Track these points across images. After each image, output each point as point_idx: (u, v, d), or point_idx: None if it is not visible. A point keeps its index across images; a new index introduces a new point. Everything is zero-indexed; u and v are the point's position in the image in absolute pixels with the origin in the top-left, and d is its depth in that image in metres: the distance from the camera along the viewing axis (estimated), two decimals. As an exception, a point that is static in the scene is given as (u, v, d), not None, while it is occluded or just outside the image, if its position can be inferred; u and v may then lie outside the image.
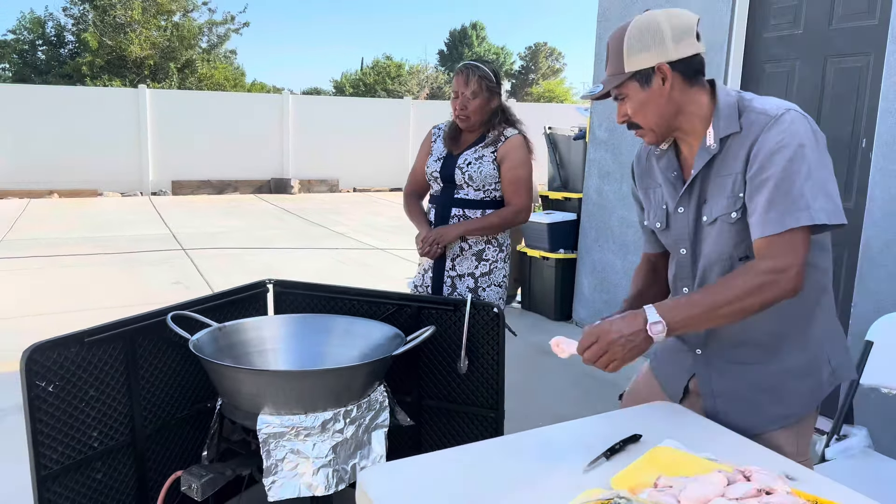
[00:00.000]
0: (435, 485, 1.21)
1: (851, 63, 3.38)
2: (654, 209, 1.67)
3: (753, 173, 1.41)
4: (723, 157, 1.49)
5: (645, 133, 1.55)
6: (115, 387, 2.14)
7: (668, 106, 1.50)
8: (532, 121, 3.45)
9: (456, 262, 2.78)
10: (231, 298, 2.59)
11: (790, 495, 1.12)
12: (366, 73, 29.75)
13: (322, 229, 10.40)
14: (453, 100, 2.74)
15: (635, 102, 1.50)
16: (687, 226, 1.58)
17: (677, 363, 1.70)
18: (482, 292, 2.78)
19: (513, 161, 2.71)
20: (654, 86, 1.48)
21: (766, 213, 1.38)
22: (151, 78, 19.42)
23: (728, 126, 1.47)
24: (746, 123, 1.45)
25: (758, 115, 1.44)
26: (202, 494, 1.92)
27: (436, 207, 2.83)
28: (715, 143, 1.48)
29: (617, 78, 1.49)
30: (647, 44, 1.46)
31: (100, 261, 7.58)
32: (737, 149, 1.46)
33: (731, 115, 1.47)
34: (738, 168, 1.45)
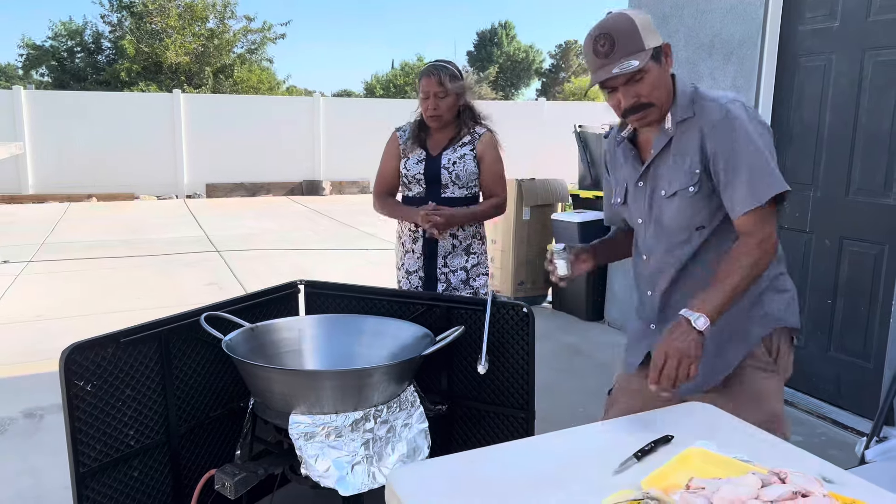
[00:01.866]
0: (464, 485, 1.21)
1: (890, 55, 3.29)
2: (619, 186, 1.90)
3: (720, 162, 1.64)
4: (678, 138, 1.71)
5: (651, 112, 1.69)
6: (151, 386, 2.18)
7: (668, 84, 1.70)
8: (562, 119, 3.46)
9: (448, 259, 2.86)
10: (263, 299, 2.63)
11: (826, 498, 1.09)
12: (396, 75, 29.89)
13: (353, 230, 10.47)
14: (423, 100, 2.79)
15: (653, 78, 1.64)
16: (644, 199, 1.80)
17: (636, 340, 1.91)
18: (473, 282, 2.89)
19: (491, 157, 2.86)
20: (662, 63, 1.66)
21: (737, 194, 1.62)
22: (187, 83, 19.75)
23: (684, 111, 1.69)
24: (698, 109, 1.68)
25: (708, 102, 1.67)
26: (235, 493, 1.95)
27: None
28: (672, 127, 1.70)
29: (644, 55, 1.60)
30: (651, 25, 1.64)
31: (136, 263, 7.74)
32: (691, 132, 1.69)
33: (687, 103, 1.70)
34: (693, 148, 1.68)
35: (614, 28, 1.61)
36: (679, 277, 1.78)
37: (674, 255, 1.78)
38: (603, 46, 1.61)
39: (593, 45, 1.63)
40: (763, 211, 1.61)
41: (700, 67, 4.39)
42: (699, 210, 1.71)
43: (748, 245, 1.60)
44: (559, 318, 5.57)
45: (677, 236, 1.75)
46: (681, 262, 1.77)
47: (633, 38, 1.60)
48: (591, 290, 5.40)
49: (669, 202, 1.74)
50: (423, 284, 2.90)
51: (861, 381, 3.40)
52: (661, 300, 1.82)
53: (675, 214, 1.73)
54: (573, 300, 5.58)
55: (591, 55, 1.65)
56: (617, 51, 1.60)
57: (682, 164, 1.70)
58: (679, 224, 1.74)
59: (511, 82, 36.16)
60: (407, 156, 2.87)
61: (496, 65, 34.65)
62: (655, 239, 1.80)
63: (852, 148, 3.44)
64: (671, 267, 1.79)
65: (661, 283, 1.81)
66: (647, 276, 1.86)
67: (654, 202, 1.78)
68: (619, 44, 1.60)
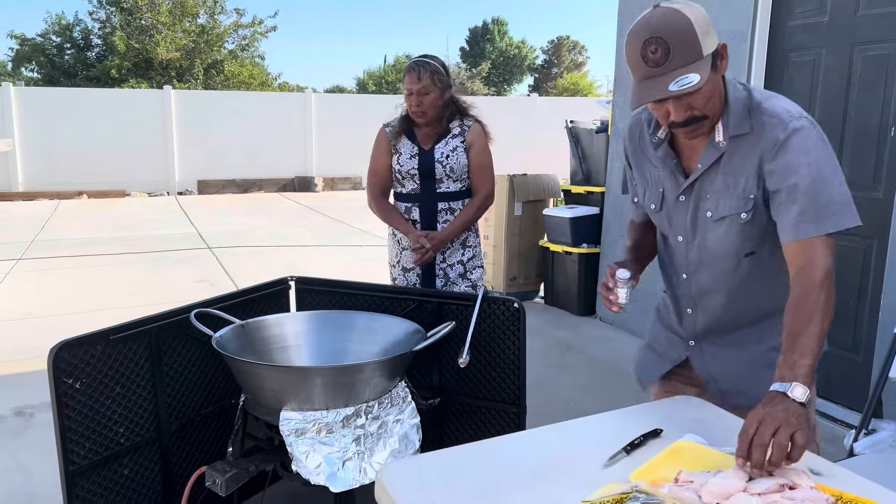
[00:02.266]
0: (454, 479, 1.21)
1: (879, 50, 3.30)
2: (651, 190, 1.65)
3: (781, 182, 1.41)
4: (730, 155, 1.47)
5: (703, 125, 1.44)
6: (141, 384, 2.17)
7: (721, 90, 1.45)
8: (554, 115, 3.46)
9: (446, 255, 2.88)
10: (254, 296, 2.62)
11: (814, 490, 1.10)
12: (388, 71, 29.81)
13: (345, 226, 10.46)
14: (407, 96, 2.78)
15: (709, 88, 1.39)
16: (686, 216, 1.57)
17: (665, 352, 1.74)
18: (470, 275, 2.91)
19: (478, 148, 2.85)
20: (718, 66, 1.40)
21: (798, 218, 1.39)
22: (178, 79, 19.64)
23: (739, 125, 1.45)
24: (757, 125, 1.44)
25: (769, 118, 1.43)
26: (226, 490, 1.94)
27: (419, 206, 2.85)
28: (725, 142, 1.46)
29: (704, 64, 1.34)
30: (708, 24, 1.37)
31: (127, 260, 7.70)
32: (747, 150, 1.45)
33: (742, 113, 1.45)
34: (749, 170, 1.45)
35: (668, 30, 1.32)
36: (729, 302, 1.58)
37: (720, 281, 1.57)
38: (654, 53, 1.33)
39: (642, 49, 1.34)
40: (824, 240, 1.39)
41: (691, 62, 4.39)
42: (750, 237, 1.50)
43: (813, 282, 1.36)
44: (551, 312, 5.58)
45: (724, 262, 1.55)
46: (729, 288, 1.57)
47: (691, 44, 1.33)
48: (583, 285, 5.41)
49: (716, 226, 1.52)
50: (422, 281, 2.89)
51: (850, 374, 3.42)
52: (706, 320, 1.63)
53: (722, 240, 1.53)
54: (565, 295, 5.59)
55: (637, 61, 1.35)
56: (672, 60, 1.32)
57: (733, 186, 1.47)
58: (726, 250, 1.53)
59: (503, 78, 36.13)
60: (398, 150, 2.87)
61: (488, 60, 34.58)
62: (699, 261, 1.59)
63: (841, 142, 3.46)
64: (718, 293, 1.59)
65: (707, 305, 1.62)
66: (688, 296, 1.65)
67: (699, 223, 1.55)
68: (675, 51, 1.32)
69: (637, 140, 1.67)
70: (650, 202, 1.65)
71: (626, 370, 4.24)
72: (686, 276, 1.63)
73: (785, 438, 1.14)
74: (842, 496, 1.10)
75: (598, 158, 5.62)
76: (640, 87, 1.37)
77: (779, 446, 1.13)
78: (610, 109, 5.26)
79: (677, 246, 1.62)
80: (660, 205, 1.62)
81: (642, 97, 1.37)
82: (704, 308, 1.62)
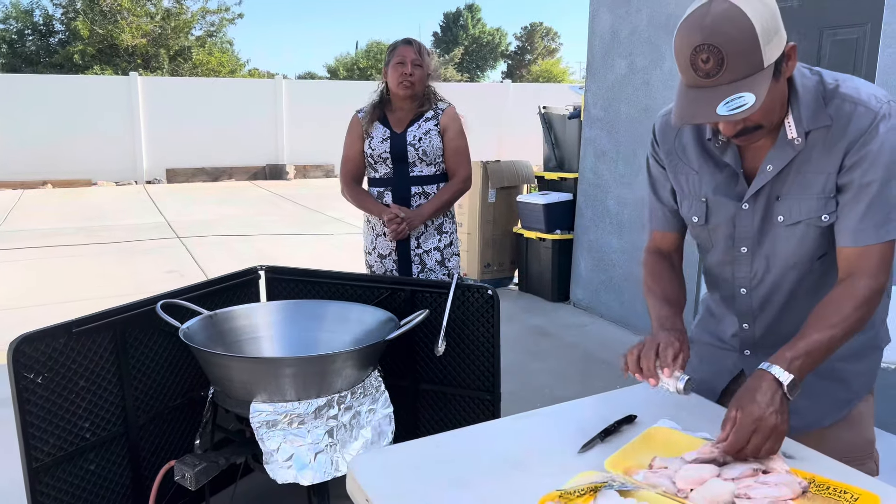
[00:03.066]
0: (427, 470, 1.19)
1: (848, 34, 3.33)
2: (690, 201, 1.44)
3: (854, 176, 1.25)
4: (807, 152, 1.28)
5: (759, 133, 1.26)
6: (106, 377, 2.12)
7: (784, 92, 1.25)
8: (528, 101, 3.44)
9: (421, 240, 2.85)
10: (222, 286, 2.57)
11: (788, 474, 1.10)
12: (360, 57, 29.53)
13: (318, 215, 10.36)
14: (397, 66, 2.76)
15: (769, 100, 1.19)
16: (752, 224, 1.37)
17: (717, 364, 1.54)
18: (448, 262, 2.88)
19: (453, 131, 2.83)
20: (782, 72, 1.20)
21: (861, 221, 1.25)
22: (144, 66, 19.25)
23: (816, 118, 1.26)
24: (840, 115, 1.25)
25: (853, 105, 1.24)
26: (196, 484, 1.91)
27: (392, 190, 2.82)
28: (799, 138, 1.26)
29: (763, 78, 1.15)
30: (776, 25, 1.15)
31: (94, 251, 7.55)
32: (827, 143, 1.26)
33: (816, 102, 1.26)
34: (831, 167, 1.26)
35: (725, 37, 1.11)
36: (794, 309, 1.41)
37: (786, 290, 1.41)
38: (706, 63, 1.13)
39: (691, 56, 1.14)
40: (884, 249, 1.26)
41: (662, 48, 4.40)
42: (826, 240, 1.32)
43: (854, 291, 1.24)
44: (525, 299, 5.58)
45: (794, 270, 1.38)
46: (796, 294, 1.41)
47: (751, 54, 1.13)
48: (557, 272, 5.42)
49: (790, 231, 1.34)
50: (398, 267, 2.86)
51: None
52: (766, 329, 1.46)
53: (796, 247, 1.35)
54: (539, 282, 5.60)
55: (686, 65, 1.16)
56: (726, 72, 1.13)
57: (812, 186, 1.29)
58: (799, 257, 1.35)
59: (477, 64, 36.02)
60: (370, 134, 2.83)
61: (462, 47, 34.45)
62: (765, 271, 1.40)
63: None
64: (783, 302, 1.42)
65: (769, 316, 1.45)
66: (749, 311, 1.47)
67: (768, 229, 1.36)
68: (730, 62, 1.12)
69: (673, 140, 1.45)
70: (691, 214, 1.45)
71: (601, 356, 4.28)
72: (747, 290, 1.44)
73: (766, 448, 1.14)
74: (814, 479, 1.10)
75: (571, 145, 5.62)
76: (686, 99, 1.19)
77: (753, 450, 1.14)
78: (582, 95, 5.26)
79: (739, 258, 1.42)
80: (704, 217, 1.43)
81: (686, 114, 1.19)
82: (765, 319, 1.45)
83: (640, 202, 4.67)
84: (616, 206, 4.89)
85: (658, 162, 1.51)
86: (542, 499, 1.04)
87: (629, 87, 4.73)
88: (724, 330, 1.53)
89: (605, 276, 5.02)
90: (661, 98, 4.44)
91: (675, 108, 1.21)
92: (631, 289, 4.77)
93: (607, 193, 4.97)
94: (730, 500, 1.05)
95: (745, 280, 1.44)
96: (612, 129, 4.91)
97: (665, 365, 1.25)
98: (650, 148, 1.52)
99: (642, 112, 4.62)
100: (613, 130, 4.89)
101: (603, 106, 4.98)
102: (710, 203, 1.41)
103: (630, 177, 4.75)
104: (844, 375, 1.41)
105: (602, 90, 4.99)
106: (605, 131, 4.97)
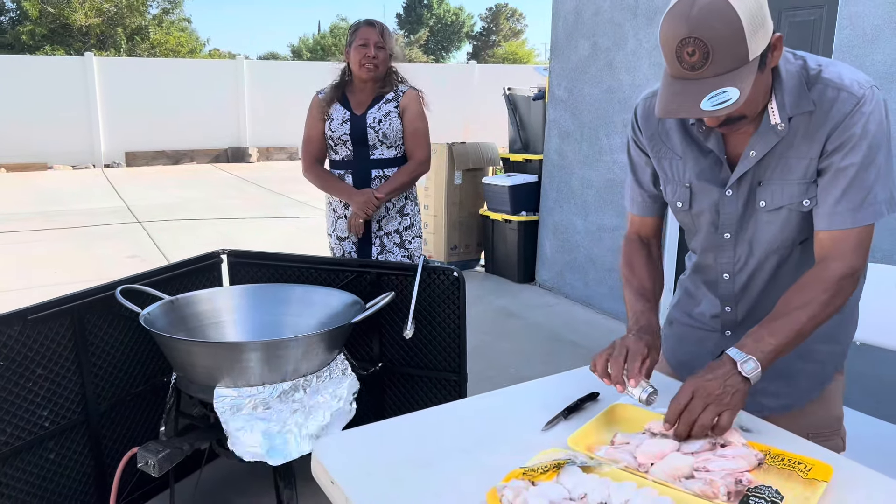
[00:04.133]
0: (392, 450, 1.19)
1: (805, 16, 3.39)
2: (674, 186, 1.44)
3: (834, 160, 1.24)
4: (790, 138, 1.27)
5: (743, 123, 1.26)
6: (65, 365, 2.08)
7: (769, 81, 1.24)
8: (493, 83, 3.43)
9: (382, 223, 2.83)
10: (183, 270, 2.52)
11: (745, 447, 1.12)
12: (323, 37, 29.12)
13: (282, 198, 10.24)
14: (359, 48, 2.72)
15: (754, 92, 1.19)
16: (735, 210, 1.37)
17: (697, 345, 1.55)
18: (409, 245, 2.87)
19: (412, 113, 2.80)
20: (768, 63, 1.19)
21: (837, 204, 1.25)
22: (99, 46, 18.69)
23: (799, 103, 1.25)
24: (821, 100, 1.24)
25: (836, 90, 1.23)
26: (159, 470, 1.88)
27: (352, 172, 2.80)
28: (783, 124, 1.26)
29: (748, 71, 1.14)
30: (762, 17, 1.15)
31: (51, 236, 7.35)
32: (809, 129, 1.25)
33: (799, 88, 1.25)
34: (812, 152, 1.26)
35: (711, 31, 1.11)
36: (775, 292, 1.38)
37: (768, 274, 1.41)
38: (691, 56, 1.13)
39: (677, 48, 1.14)
40: (860, 233, 1.25)
41: (625, 28, 4.42)
42: (808, 224, 1.33)
43: (824, 277, 1.24)
44: (491, 281, 5.61)
45: (775, 252, 1.38)
46: (777, 278, 1.41)
47: (736, 48, 1.12)
48: (522, 254, 5.46)
49: (771, 216, 1.34)
50: (357, 249, 2.84)
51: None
52: (745, 313, 1.47)
53: (778, 232, 1.35)
54: (505, 263, 5.63)
55: (671, 56, 1.15)
56: (711, 65, 1.13)
57: (794, 171, 1.29)
58: (781, 241, 1.36)
59: (441, 45, 35.78)
60: (330, 116, 2.79)
61: (426, 27, 34.18)
62: (748, 256, 1.41)
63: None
64: (764, 286, 1.43)
65: (750, 299, 1.45)
66: (730, 295, 1.47)
67: (750, 216, 1.36)
68: (716, 56, 1.12)
69: (656, 126, 1.43)
70: (675, 199, 1.44)
71: (566, 336, 4.33)
72: (730, 275, 1.44)
73: (709, 420, 1.14)
74: (770, 451, 1.13)
75: (536, 126, 5.63)
76: (670, 91, 1.18)
77: (701, 426, 1.14)
78: (547, 77, 5.26)
79: (723, 244, 1.42)
80: (688, 203, 1.42)
81: (670, 108, 1.18)
82: (747, 302, 1.46)
83: (604, 183, 4.71)
84: (580, 187, 4.92)
85: (639, 147, 1.49)
86: (506, 476, 1.05)
87: (593, 68, 4.75)
88: (704, 311, 1.53)
89: (570, 256, 5.07)
90: (624, 79, 4.47)
91: (659, 100, 1.20)
92: (595, 269, 4.82)
93: (571, 174, 5.00)
94: (689, 473, 1.07)
95: (727, 265, 1.44)
96: (575, 111, 4.93)
97: (632, 375, 1.26)
98: (630, 132, 1.51)
99: (606, 93, 4.65)
100: (577, 111, 4.91)
101: (567, 87, 5.00)
102: (693, 189, 1.40)
103: (593, 158, 4.78)
104: (820, 357, 1.42)
105: (566, 71, 5.00)
106: (569, 112, 4.99)
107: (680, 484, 1.04)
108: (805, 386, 1.45)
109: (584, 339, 4.27)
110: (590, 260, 4.87)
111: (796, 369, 1.42)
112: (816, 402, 1.45)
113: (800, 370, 1.43)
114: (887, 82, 2.97)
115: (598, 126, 4.72)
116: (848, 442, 1.51)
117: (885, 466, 1.15)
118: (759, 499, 0.99)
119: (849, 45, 3.13)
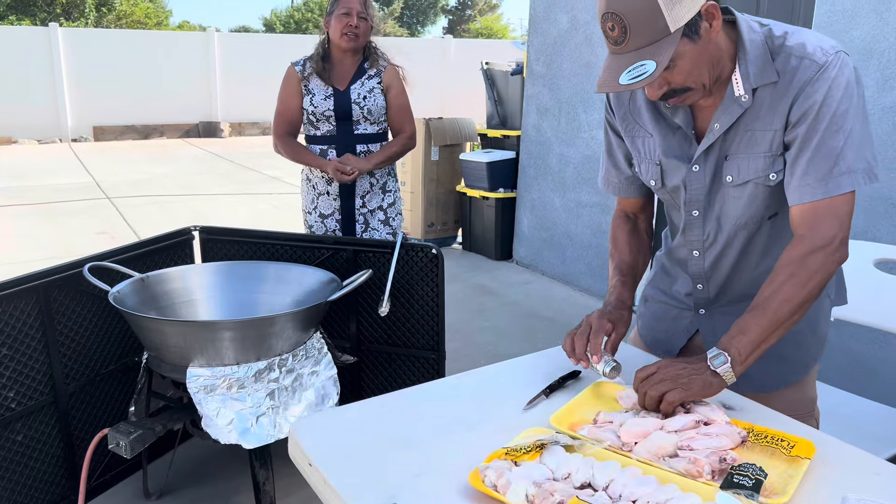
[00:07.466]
0: (371, 431, 1.16)
1: (784, -8, 3.37)
2: (647, 163, 1.42)
3: (799, 131, 1.21)
4: (755, 109, 1.25)
5: (692, 95, 1.23)
6: (31, 344, 2.01)
7: (716, 51, 1.21)
8: (469, 58, 3.39)
9: (366, 199, 2.79)
10: (154, 247, 2.46)
11: (728, 425, 1.11)
12: (296, 10, 28.58)
13: (255, 174, 10.09)
14: (342, 16, 2.65)
15: (688, 63, 1.17)
16: (702, 186, 1.34)
17: (673, 323, 1.53)
18: (392, 222, 2.85)
19: (397, 89, 2.78)
20: (702, 34, 1.17)
21: (804, 176, 1.21)
22: (65, 17, 18.15)
23: (762, 74, 1.22)
24: (784, 69, 1.21)
25: (798, 59, 1.20)
26: (131, 452, 1.84)
27: (336, 148, 2.73)
28: (746, 95, 1.23)
29: (668, 43, 1.13)
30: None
31: (16, 212, 7.16)
32: (773, 100, 1.23)
33: (763, 58, 1.22)
34: (777, 124, 1.23)
35: (626, 5, 1.11)
36: (746, 269, 1.41)
37: (738, 251, 1.39)
38: (612, 31, 1.14)
39: (602, 23, 1.16)
40: (832, 204, 1.20)
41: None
42: (776, 199, 1.30)
43: (796, 259, 1.20)
44: (469, 258, 5.59)
45: (745, 230, 1.36)
46: (748, 255, 1.39)
47: (652, 21, 1.11)
48: (500, 231, 5.44)
49: (738, 191, 1.31)
50: (341, 227, 2.79)
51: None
52: (719, 289, 1.45)
53: (745, 207, 1.32)
54: (482, 240, 5.61)
55: (604, 32, 1.17)
56: (631, 39, 1.13)
57: (759, 144, 1.26)
58: (749, 216, 1.33)
59: (417, 19, 35.33)
60: (310, 90, 2.72)
61: (401, 1, 33.69)
62: (716, 233, 1.38)
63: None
64: (735, 262, 1.40)
65: (721, 276, 1.43)
66: (701, 273, 1.44)
67: (717, 190, 1.34)
68: (633, 30, 1.12)
69: (627, 105, 1.42)
70: (649, 178, 1.42)
71: (544, 313, 4.34)
72: (699, 252, 1.42)
73: (657, 393, 1.16)
74: (752, 429, 1.12)
75: (513, 101, 5.59)
76: (605, 66, 1.18)
77: (650, 398, 1.17)
78: (525, 51, 5.20)
79: (692, 221, 1.40)
80: (660, 180, 1.40)
81: (600, 82, 1.18)
82: (718, 280, 1.43)
83: (582, 160, 4.69)
84: (558, 163, 4.90)
85: (613, 128, 1.48)
86: (488, 457, 1.03)
87: (571, 43, 4.70)
88: (678, 289, 1.52)
89: (548, 234, 5.06)
90: (602, 54, 4.43)
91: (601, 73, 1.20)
92: (573, 246, 4.82)
93: (550, 151, 4.97)
94: (673, 451, 1.06)
95: (697, 243, 1.42)
96: (554, 86, 4.89)
97: (594, 351, 1.28)
98: (605, 113, 1.50)
99: (584, 68, 4.61)
100: (555, 87, 4.87)
101: (545, 62, 4.95)
102: (664, 165, 1.38)
103: (572, 134, 4.76)
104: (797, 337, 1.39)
105: (544, 46, 4.94)
106: (548, 87, 4.94)
107: (664, 463, 1.03)
108: (787, 370, 1.44)
109: (562, 315, 4.27)
110: (567, 237, 4.86)
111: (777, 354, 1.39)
112: (792, 386, 1.45)
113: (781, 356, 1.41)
114: (866, 58, 2.97)
115: (577, 101, 4.69)
116: (823, 418, 1.53)
117: (860, 441, 1.15)
118: (744, 476, 0.98)
119: (828, 20, 3.12)
